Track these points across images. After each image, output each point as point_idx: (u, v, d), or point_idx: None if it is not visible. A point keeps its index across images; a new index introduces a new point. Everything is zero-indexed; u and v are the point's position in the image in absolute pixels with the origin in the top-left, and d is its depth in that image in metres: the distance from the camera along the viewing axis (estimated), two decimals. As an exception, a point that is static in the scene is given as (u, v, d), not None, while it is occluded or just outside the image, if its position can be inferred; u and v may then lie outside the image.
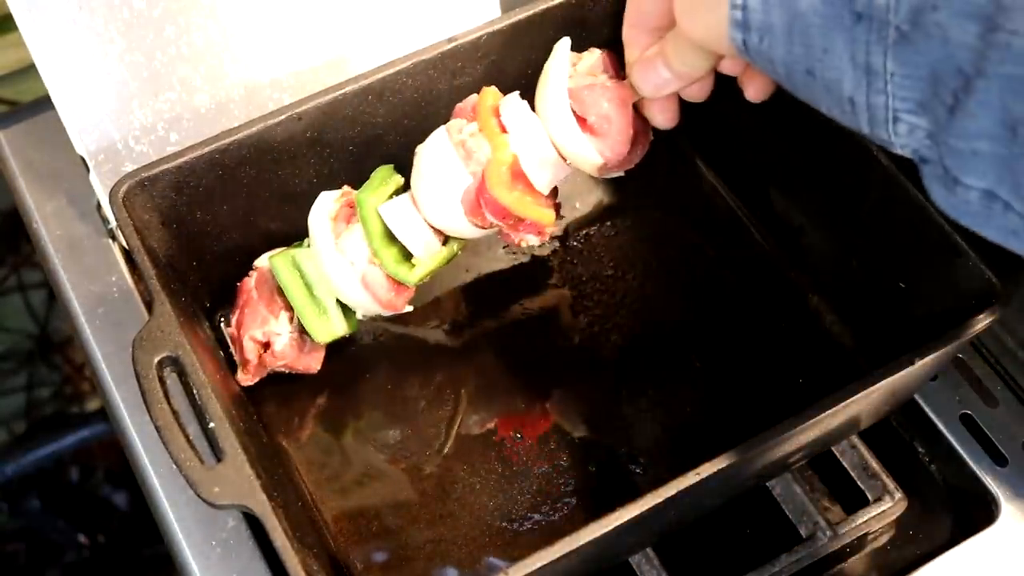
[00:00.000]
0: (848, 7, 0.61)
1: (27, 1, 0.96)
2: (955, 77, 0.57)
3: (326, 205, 0.96)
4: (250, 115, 1.03)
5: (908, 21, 0.58)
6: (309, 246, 0.96)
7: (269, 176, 0.99)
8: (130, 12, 1.00)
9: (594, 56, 0.94)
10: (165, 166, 0.93)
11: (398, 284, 0.96)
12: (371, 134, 1.02)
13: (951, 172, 0.60)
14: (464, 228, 0.95)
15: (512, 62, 1.05)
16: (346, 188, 0.98)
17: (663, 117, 0.91)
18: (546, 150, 0.91)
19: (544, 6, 1.02)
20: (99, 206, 1.08)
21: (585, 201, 1.13)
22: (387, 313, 0.98)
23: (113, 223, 1.05)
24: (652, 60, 0.84)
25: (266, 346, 0.96)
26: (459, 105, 0.97)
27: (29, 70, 1.02)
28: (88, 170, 1.02)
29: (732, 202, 1.12)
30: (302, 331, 0.97)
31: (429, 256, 0.95)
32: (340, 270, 0.94)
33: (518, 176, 0.91)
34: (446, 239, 0.97)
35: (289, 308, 0.97)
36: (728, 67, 0.84)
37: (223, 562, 0.91)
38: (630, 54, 0.88)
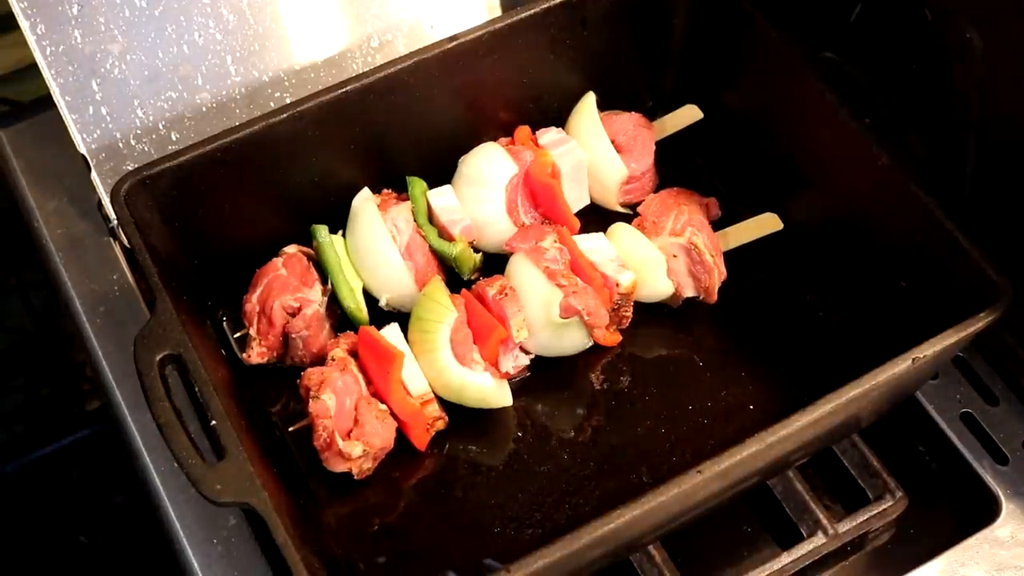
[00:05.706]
0: None
1: (28, 1, 0.96)
2: None
3: (368, 193, 1.04)
4: (251, 114, 1.03)
5: None
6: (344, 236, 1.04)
7: (270, 175, 0.99)
8: (131, 11, 1.00)
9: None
10: (166, 164, 0.93)
11: (432, 260, 1.04)
12: (373, 133, 1.02)
13: None
14: (495, 223, 1.04)
15: (512, 61, 1.05)
16: (385, 190, 1.06)
17: None
18: (580, 161, 1.07)
19: (544, 6, 1.03)
20: (100, 205, 1.08)
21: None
22: (415, 293, 1.01)
23: (114, 222, 1.05)
24: None
25: (294, 314, 0.98)
26: None
27: (30, 70, 1.02)
28: (89, 169, 1.02)
29: (732, 201, 1.12)
30: (328, 311, 1.00)
31: (463, 242, 1.03)
32: (384, 239, 1.01)
33: (555, 175, 1.06)
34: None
35: (323, 283, 1.01)
36: None
37: (224, 560, 0.91)
38: None
